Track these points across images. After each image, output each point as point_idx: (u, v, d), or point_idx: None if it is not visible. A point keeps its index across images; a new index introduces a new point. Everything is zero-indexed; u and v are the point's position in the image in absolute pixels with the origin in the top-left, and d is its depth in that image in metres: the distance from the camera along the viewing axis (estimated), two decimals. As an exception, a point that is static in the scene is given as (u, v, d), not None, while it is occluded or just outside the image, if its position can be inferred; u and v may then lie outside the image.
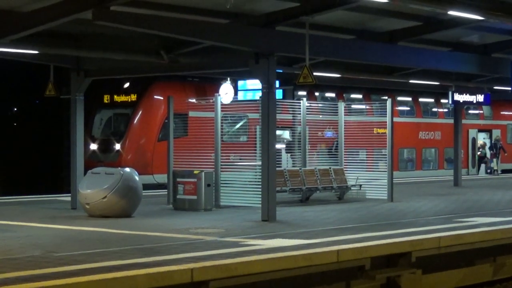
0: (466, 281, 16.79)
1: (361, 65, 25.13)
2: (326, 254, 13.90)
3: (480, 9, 17.88)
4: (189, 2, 17.16)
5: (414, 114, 42.49)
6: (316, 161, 26.29)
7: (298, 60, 19.40)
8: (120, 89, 33.17)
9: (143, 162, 30.48)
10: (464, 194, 27.66)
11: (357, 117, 29.61)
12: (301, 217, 19.61)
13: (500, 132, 46.67)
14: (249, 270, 12.79)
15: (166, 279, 11.78)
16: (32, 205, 23.04)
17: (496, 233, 17.44)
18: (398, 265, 15.16)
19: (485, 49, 25.64)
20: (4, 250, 13.82)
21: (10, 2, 16.18)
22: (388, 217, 19.82)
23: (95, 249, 13.90)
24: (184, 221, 18.54)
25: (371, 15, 20.17)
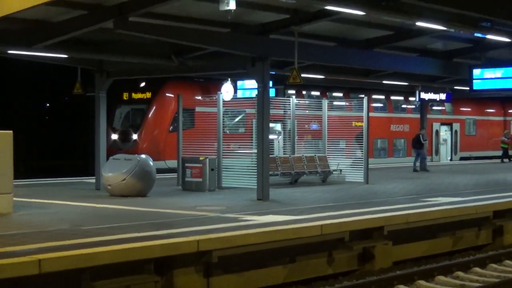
0: (430, 251, 16.84)
1: (342, 68, 25.13)
2: (311, 228, 13.93)
3: (443, 20, 17.90)
4: (196, 14, 17.15)
5: (386, 110, 42.50)
6: (303, 149, 26.30)
7: (288, 63, 19.40)
8: (137, 88, 33.15)
9: (157, 150, 30.46)
10: (428, 178, 27.70)
11: (338, 112, 29.62)
12: (290, 197, 19.64)
13: (459, 126, 46.74)
14: (246, 241, 12.83)
15: (177, 249, 11.81)
16: (62, 186, 23.06)
17: (455, 210, 17.49)
18: (372, 237, 15.20)
19: (447, 55, 25.67)
20: (38, 224, 13.87)
21: (43, 14, 16.17)
22: (364, 197, 19.85)
23: (115, 224, 13.95)
24: (191, 200, 18.57)
25: (350, 26, 20.18)
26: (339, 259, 14.72)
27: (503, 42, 21.89)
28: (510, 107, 50.99)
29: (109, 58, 20.56)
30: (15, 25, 16.82)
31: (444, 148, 46.54)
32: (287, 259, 13.75)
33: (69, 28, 16.60)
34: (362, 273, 14.84)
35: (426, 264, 15.52)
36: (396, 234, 15.69)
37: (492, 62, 25.34)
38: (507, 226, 18.75)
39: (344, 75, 26.48)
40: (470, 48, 24.92)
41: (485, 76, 24.67)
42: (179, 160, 22.63)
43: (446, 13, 17.68)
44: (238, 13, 15.68)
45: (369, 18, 18.23)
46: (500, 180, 26.77)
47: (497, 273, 14.91)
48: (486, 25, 19.26)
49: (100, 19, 15.80)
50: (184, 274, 12.01)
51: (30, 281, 10.08)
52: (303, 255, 14.02)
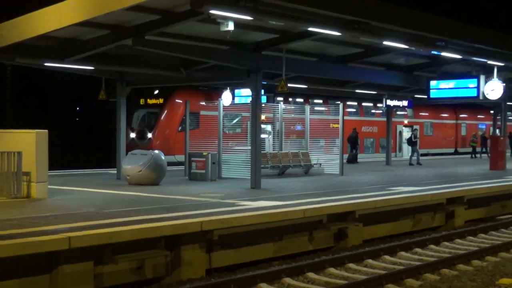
0: (393, 231, 16.91)
1: (322, 79, 25.12)
2: (295, 212, 13.97)
3: (405, 40, 17.92)
4: (200, 33, 17.15)
5: (358, 114, 42.54)
6: (289, 146, 26.32)
7: (277, 75, 19.41)
8: (152, 94, 33.18)
9: (168, 146, 30.48)
10: (393, 171, 27.75)
11: (318, 116, 29.66)
12: (278, 186, 19.65)
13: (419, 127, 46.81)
14: (241, 223, 12.87)
15: (184, 228, 11.86)
16: (88, 176, 23.05)
17: (415, 198, 17.55)
18: (346, 220, 15.23)
19: (409, 69, 25.68)
20: (68, 208, 13.90)
21: (73, 33, 16.16)
22: (340, 186, 19.87)
23: (133, 207, 13.96)
24: (196, 188, 18.58)
25: (329, 44, 20.18)
26: (318, 237, 14.77)
27: (455, 58, 21.92)
28: (461, 112, 51.10)
29: (128, 69, 20.56)
30: (50, 42, 16.83)
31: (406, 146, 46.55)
32: (275, 237, 13.79)
33: (95, 44, 16.59)
34: (337, 249, 14.92)
35: (390, 242, 15.58)
36: (366, 217, 15.75)
37: (446, 74, 25.34)
38: (457, 211, 18.83)
39: (324, 85, 26.47)
40: (427, 63, 24.95)
41: (440, 87, 24.71)
42: (186, 155, 22.63)
43: (408, 34, 17.72)
44: (236, 33, 15.70)
45: (343, 37, 18.23)
46: (452, 173, 26.84)
47: (448, 250, 14.99)
48: (441, 44, 19.29)
49: (121, 37, 15.79)
50: (190, 250, 12.03)
51: (61, 254, 10.12)
52: (289, 234, 14.07)
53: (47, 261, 10.12)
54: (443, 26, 18.74)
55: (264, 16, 14.00)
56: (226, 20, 13.94)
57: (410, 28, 17.35)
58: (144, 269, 11.44)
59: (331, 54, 21.81)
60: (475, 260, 13.56)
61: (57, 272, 10.16)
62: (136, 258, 11.27)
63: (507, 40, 21.78)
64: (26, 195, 15.41)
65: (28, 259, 9.78)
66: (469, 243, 15.83)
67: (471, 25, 20.44)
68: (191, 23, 15.21)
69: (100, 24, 15.36)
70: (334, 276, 12.16)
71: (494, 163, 29.03)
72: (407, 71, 25.68)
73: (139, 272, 11.38)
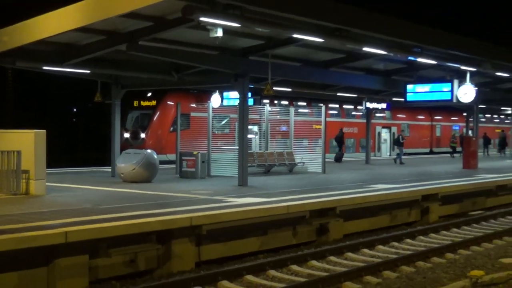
0: (372, 226, 16.94)
1: (305, 83, 25.15)
2: (280, 208, 13.96)
3: (384, 46, 17.98)
4: (191, 39, 17.12)
5: (340, 116, 42.61)
6: (274, 146, 26.34)
7: (263, 79, 19.42)
8: (145, 97, 33.11)
9: (160, 146, 30.40)
10: (372, 169, 27.84)
11: (302, 117, 29.70)
12: (264, 183, 19.65)
13: (396, 129, 46.99)
14: (229, 218, 12.85)
15: (174, 223, 11.83)
16: (84, 174, 22.95)
17: (392, 195, 17.58)
18: (327, 215, 15.24)
19: (387, 73, 25.77)
20: (66, 203, 13.83)
21: (71, 38, 16.10)
22: (322, 184, 19.90)
23: (127, 203, 13.91)
24: (187, 185, 18.53)
25: (312, 50, 20.21)
26: (301, 232, 14.77)
27: (430, 64, 22.01)
28: (436, 114, 51.34)
29: (123, 73, 20.50)
30: (49, 47, 16.76)
31: (384, 146, 46.74)
32: (261, 232, 13.78)
33: (92, 49, 16.54)
34: (319, 243, 14.93)
35: (369, 236, 15.61)
36: (346, 213, 15.76)
37: (422, 79, 25.47)
38: (432, 207, 18.90)
39: (307, 88, 26.53)
40: (404, 68, 25.04)
41: (417, 90, 24.83)
42: (177, 154, 22.57)
43: (386, 41, 17.78)
44: (224, 39, 15.67)
45: (326, 43, 18.26)
46: (427, 171, 26.94)
47: (423, 243, 15.04)
48: (417, 51, 19.37)
49: (116, 42, 15.74)
50: (180, 244, 12.00)
51: (58, 248, 10.08)
52: (273, 229, 14.06)
53: (44, 254, 10.06)
54: (419, 33, 18.82)
55: (251, 24, 14.00)
56: (215, 27, 13.92)
57: (388, 35, 17.41)
58: (137, 262, 11.41)
59: (314, 59, 21.84)
60: (448, 253, 13.62)
61: (54, 265, 10.11)
62: (129, 251, 11.23)
63: (478, 46, 21.93)
64: (25, 192, 15.34)
65: (27, 253, 9.73)
66: (442, 237, 15.89)
67: (445, 33, 20.54)
68: (182, 29, 15.18)
69: (96, 30, 15.31)
70: (316, 269, 12.17)
71: (467, 162, 29.18)
72: (386, 75, 25.76)
73: (132, 265, 11.35)
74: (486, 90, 30.34)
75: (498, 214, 19.62)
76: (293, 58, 21.03)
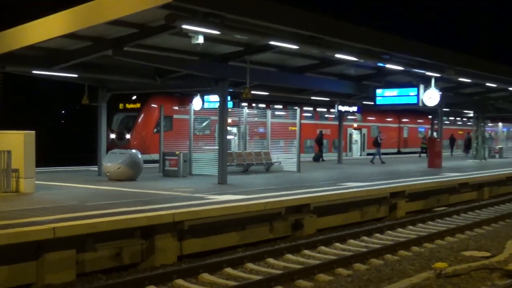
0: (343, 221, 17.00)
1: (281, 87, 25.17)
2: (257, 204, 13.97)
3: (355, 53, 18.04)
4: (174, 46, 17.03)
5: (314, 118, 42.71)
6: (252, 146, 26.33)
7: (242, 83, 19.40)
8: (130, 100, 32.96)
9: (144, 146, 30.24)
10: (343, 168, 27.95)
11: (278, 119, 29.74)
12: (243, 181, 19.64)
13: (366, 130, 47.23)
14: (209, 214, 12.83)
15: (157, 219, 11.79)
16: (72, 173, 22.77)
17: (362, 192, 17.69)
18: (302, 211, 15.28)
19: (358, 78, 25.86)
20: (54, 201, 13.72)
21: (59, 44, 15.95)
22: (297, 182, 19.93)
23: (112, 201, 13.83)
24: (169, 183, 18.46)
25: (288, 56, 20.23)
26: (277, 227, 14.79)
27: (398, 70, 22.14)
28: (403, 117, 51.68)
29: (109, 77, 20.37)
30: (38, 52, 16.59)
31: (355, 146, 46.96)
32: (239, 227, 13.77)
33: (79, 54, 16.40)
34: (294, 238, 14.95)
35: (341, 231, 15.66)
36: (319, 209, 15.81)
37: (390, 84, 25.61)
38: (399, 203, 19.03)
39: (283, 92, 26.54)
40: (374, 73, 25.16)
41: (385, 95, 24.98)
42: (161, 154, 22.50)
43: (357, 48, 17.86)
44: (205, 46, 15.64)
45: (301, 50, 18.29)
46: (395, 170, 27.12)
47: (391, 238, 15.13)
48: (386, 57, 19.48)
49: (102, 48, 15.63)
50: (163, 238, 11.96)
51: (47, 243, 9.99)
52: (251, 224, 14.06)
53: (33, 249, 9.98)
54: (388, 41, 18.94)
55: (230, 31, 13.99)
56: (197, 34, 13.88)
57: (359, 43, 17.49)
58: (122, 256, 11.34)
59: (290, 65, 21.87)
60: (414, 246, 13.71)
61: (43, 259, 10.03)
62: (114, 246, 11.17)
63: (442, 54, 22.12)
64: (15, 190, 15.20)
65: (17, 248, 9.64)
66: (409, 232, 15.99)
67: (412, 41, 20.69)
68: (165, 36, 15.12)
69: (83, 36, 15.19)
70: (291, 261, 12.19)
71: (432, 162, 29.42)
72: (357, 80, 25.87)
73: (118, 259, 11.28)
74: (449, 95, 30.60)
75: (460, 210, 19.80)
76: (270, 63, 21.04)
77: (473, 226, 16.45)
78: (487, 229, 16.18)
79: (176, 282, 10.26)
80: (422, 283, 9.72)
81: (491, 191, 25.07)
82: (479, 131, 38.18)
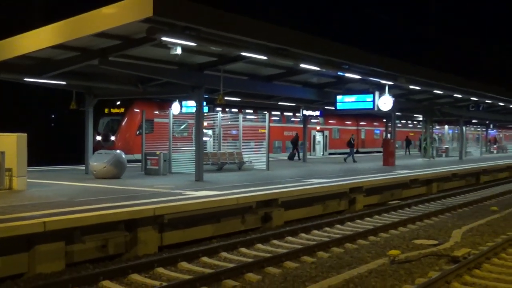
0: (308, 214, 17.08)
1: (252, 94, 25.16)
2: (231, 199, 13.95)
3: (318, 63, 18.13)
4: (154, 56, 16.90)
5: (281, 122, 42.80)
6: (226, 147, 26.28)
7: (216, 90, 19.34)
8: (115, 105, 32.70)
9: (128, 147, 29.98)
10: (308, 167, 28.05)
11: (249, 123, 29.72)
12: (217, 179, 19.59)
13: (328, 132, 47.46)
14: (187, 208, 12.78)
15: (140, 213, 11.70)
16: (62, 171, 22.46)
17: (324, 188, 17.77)
18: (271, 205, 15.31)
19: (320, 86, 25.98)
20: (44, 197, 13.51)
21: (49, 54, 15.71)
22: (266, 179, 19.94)
23: (99, 197, 13.67)
24: (151, 181, 18.33)
25: (257, 65, 20.23)
26: (249, 220, 14.80)
27: (356, 78, 22.31)
28: (361, 120, 52.09)
29: (95, 84, 20.13)
30: (29, 61, 16.32)
31: (319, 147, 47.19)
32: (214, 220, 13.74)
33: (67, 63, 16.18)
34: (264, 229, 14.97)
35: (306, 222, 15.72)
36: (286, 203, 15.86)
37: (349, 91, 25.80)
38: (358, 197, 19.17)
39: (253, 98, 26.52)
40: (335, 81, 25.31)
41: (345, 100, 25.16)
42: (143, 154, 22.32)
43: (320, 59, 17.94)
44: (183, 56, 15.59)
45: (269, 60, 18.31)
46: (354, 168, 27.31)
47: (351, 228, 15.23)
48: (345, 67, 19.62)
49: (89, 58, 15.45)
50: (145, 231, 11.87)
51: (37, 236, 9.85)
52: (225, 217, 14.04)
53: (25, 241, 9.81)
54: (347, 53, 19.06)
55: (205, 43, 13.94)
56: (175, 46, 13.83)
57: (321, 54, 17.57)
58: (108, 247, 11.23)
59: (260, 74, 21.89)
60: (371, 236, 13.83)
61: (34, 251, 9.87)
62: (100, 238, 11.05)
63: (395, 64, 22.35)
64: (8, 187, 14.97)
65: (10, 240, 9.46)
66: (366, 223, 16.12)
67: (368, 52, 20.86)
68: (146, 47, 15.00)
69: (71, 47, 14.99)
70: (261, 250, 12.20)
71: (386, 160, 29.69)
72: (319, 88, 26.00)
73: (103, 250, 11.17)
74: (401, 100, 30.93)
75: (412, 203, 20.03)
76: (241, 72, 21.03)
77: (423, 218, 16.64)
78: (435, 220, 16.40)
79: (157, 270, 10.19)
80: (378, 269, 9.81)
81: (438, 186, 25.43)
82: (428, 133, 38.65)
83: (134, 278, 9.63)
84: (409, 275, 9.43)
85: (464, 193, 24.31)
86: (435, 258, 10.62)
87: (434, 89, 27.37)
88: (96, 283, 9.24)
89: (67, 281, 8.95)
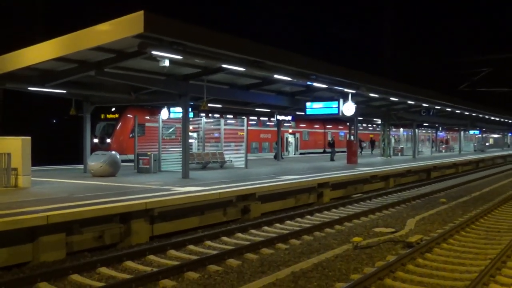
0: (282, 207, 17.10)
1: (232, 101, 25.11)
2: (213, 194, 13.91)
3: (289, 74, 18.17)
4: (145, 67, 16.77)
5: (258, 125, 42.83)
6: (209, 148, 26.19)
7: (201, 97, 19.28)
8: (110, 111, 32.47)
9: (122, 148, 29.74)
10: (281, 165, 28.09)
11: (230, 126, 29.67)
12: (202, 176, 19.52)
13: (299, 134, 47.61)
14: (175, 202, 12.71)
15: (133, 207, 11.60)
16: (62, 170, 22.16)
17: (296, 183, 17.79)
18: (249, 199, 15.30)
19: (292, 94, 26.05)
20: (47, 193, 13.32)
21: (51, 66, 15.50)
22: (245, 176, 19.93)
23: (96, 193, 13.52)
24: (142, 178, 18.18)
25: (237, 76, 20.22)
26: (230, 212, 14.77)
27: (323, 87, 22.40)
28: (328, 124, 52.38)
29: (92, 93, 19.89)
30: (33, 72, 16.09)
31: (291, 147, 47.34)
32: (199, 212, 13.69)
33: (67, 74, 15.98)
34: (243, 220, 14.95)
35: (280, 214, 15.75)
36: (263, 197, 15.87)
37: (317, 98, 25.91)
38: (325, 192, 19.25)
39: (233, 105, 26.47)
40: (304, 90, 25.39)
41: (313, 107, 25.24)
42: (135, 154, 22.13)
43: (291, 70, 18.00)
44: (171, 68, 15.53)
45: (247, 72, 18.31)
46: (321, 166, 27.44)
47: (319, 219, 15.29)
48: (313, 77, 19.70)
49: (86, 69, 15.28)
50: (138, 223, 11.78)
51: (41, 228, 9.71)
52: (209, 210, 14.00)
53: (30, 233, 9.67)
54: (315, 65, 19.15)
55: (190, 56, 13.88)
56: (164, 59, 13.75)
57: (293, 66, 17.63)
58: (104, 238, 11.11)
59: (238, 83, 21.88)
60: (337, 225, 13.90)
61: (38, 242, 9.73)
62: (97, 230, 10.94)
63: (357, 75, 22.52)
64: (14, 185, 14.74)
65: (15, 232, 9.32)
66: (333, 214, 16.20)
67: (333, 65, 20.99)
68: (138, 60, 14.88)
69: (71, 59, 14.82)
70: (241, 239, 12.18)
71: (350, 159, 29.89)
72: (291, 95, 26.07)
73: (100, 240, 11.04)
74: (362, 106, 31.16)
75: (372, 196, 20.19)
76: (222, 82, 21.00)
77: (381, 209, 16.79)
78: (392, 211, 16.56)
79: (149, 257, 10.13)
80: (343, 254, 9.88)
81: (395, 181, 25.68)
82: (385, 135, 39.03)
83: (128, 265, 9.56)
84: (370, 259, 9.52)
85: (417, 187, 24.61)
86: (392, 244, 10.73)
87: (390, 97, 27.67)
88: (94, 270, 9.16)
89: (68, 268, 8.85)
